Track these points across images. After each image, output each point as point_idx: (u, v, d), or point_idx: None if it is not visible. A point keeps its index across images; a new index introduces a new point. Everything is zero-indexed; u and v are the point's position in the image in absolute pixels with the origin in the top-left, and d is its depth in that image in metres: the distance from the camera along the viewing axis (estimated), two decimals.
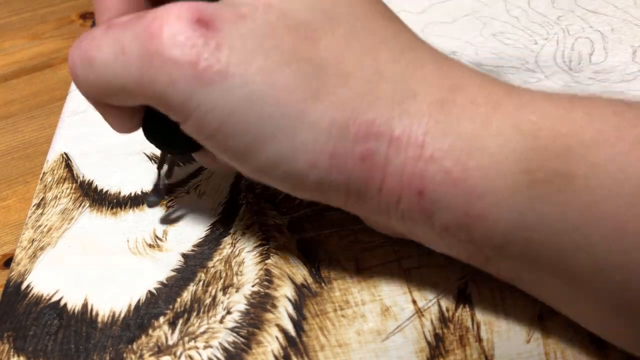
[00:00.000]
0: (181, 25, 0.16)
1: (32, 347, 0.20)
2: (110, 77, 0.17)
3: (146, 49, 0.16)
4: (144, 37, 0.16)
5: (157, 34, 0.16)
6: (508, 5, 0.36)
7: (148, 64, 0.16)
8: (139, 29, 0.16)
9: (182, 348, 0.20)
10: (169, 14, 0.16)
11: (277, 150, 0.17)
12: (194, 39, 0.16)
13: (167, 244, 0.23)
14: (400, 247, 0.22)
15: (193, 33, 0.16)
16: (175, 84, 0.16)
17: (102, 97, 0.18)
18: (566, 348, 0.19)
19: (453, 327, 0.20)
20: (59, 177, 0.27)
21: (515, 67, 0.31)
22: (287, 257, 0.22)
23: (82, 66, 0.17)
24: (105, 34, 0.17)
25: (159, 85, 0.16)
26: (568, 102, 0.17)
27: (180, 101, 0.16)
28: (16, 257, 0.23)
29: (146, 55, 0.16)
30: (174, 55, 0.16)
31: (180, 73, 0.16)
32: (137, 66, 0.16)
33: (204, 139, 0.17)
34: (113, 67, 0.17)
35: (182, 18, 0.16)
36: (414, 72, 0.17)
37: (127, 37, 0.16)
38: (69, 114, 0.31)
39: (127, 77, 0.17)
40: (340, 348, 0.20)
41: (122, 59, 0.17)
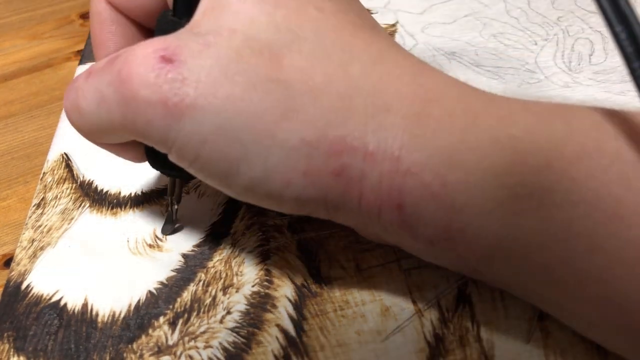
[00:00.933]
0: (147, 66, 0.16)
1: (32, 347, 0.20)
2: (97, 122, 0.18)
3: (121, 94, 0.17)
4: (117, 83, 0.17)
5: (127, 79, 0.16)
6: (508, 6, 0.36)
7: (126, 108, 0.17)
8: (113, 75, 0.17)
9: (182, 348, 0.20)
10: (135, 56, 0.17)
11: (252, 173, 0.17)
12: (160, 77, 0.16)
13: (167, 244, 0.23)
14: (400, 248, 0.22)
15: (159, 71, 0.16)
16: (152, 122, 0.16)
17: (99, 139, 0.20)
18: (566, 348, 0.19)
19: (453, 327, 0.20)
20: (59, 177, 0.27)
21: (515, 68, 0.31)
22: (287, 258, 0.22)
23: (73, 114, 0.19)
24: (86, 82, 0.18)
25: (139, 125, 0.17)
26: (548, 114, 0.17)
27: (159, 137, 0.17)
28: (16, 257, 0.23)
29: (122, 100, 0.17)
30: (145, 96, 0.16)
31: (154, 112, 0.16)
32: (117, 111, 0.17)
33: (187, 167, 0.18)
34: (98, 113, 0.18)
35: (148, 57, 0.16)
36: (387, 85, 0.17)
37: (104, 85, 0.17)
38: None
39: (111, 121, 0.17)
40: (340, 348, 0.20)
41: (103, 106, 0.17)
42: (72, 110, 0.19)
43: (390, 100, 0.17)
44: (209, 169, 0.17)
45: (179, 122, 0.16)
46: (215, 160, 0.17)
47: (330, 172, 0.17)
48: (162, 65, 0.16)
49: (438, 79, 0.18)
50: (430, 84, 0.17)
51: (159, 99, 0.16)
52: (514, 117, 0.17)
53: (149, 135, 0.17)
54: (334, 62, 0.17)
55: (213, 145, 0.16)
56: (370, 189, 0.17)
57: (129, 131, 0.17)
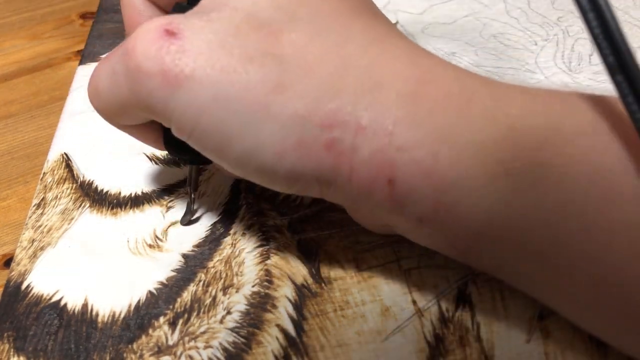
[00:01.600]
0: (150, 39, 0.17)
1: (32, 347, 0.20)
2: (112, 99, 0.19)
3: (127, 67, 0.18)
4: (124, 57, 0.18)
5: (133, 51, 0.17)
6: (508, 6, 0.36)
7: (131, 80, 0.18)
8: (122, 52, 0.18)
9: (182, 348, 0.20)
10: (140, 31, 0.17)
11: (246, 143, 0.17)
12: (162, 50, 0.17)
13: (167, 244, 0.23)
14: (400, 248, 0.22)
15: (162, 44, 0.17)
16: (153, 93, 0.17)
17: (117, 120, 0.21)
18: (566, 348, 0.19)
19: (453, 328, 0.20)
20: (59, 177, 0.27)
21: (515, 68, 0.31)
22: (287, 258, 0.22)
23: (93, 97, 0.20)
24: (103, 63, 0.19)
25: (143, 97, 0.18)
26: (545, 96, 0.17)
27: (161, 108, 0.18)
28: (16, 257, 0.23)
29: (129, 73, 0.18)
30: (147, 67, 0.17)
31: (154, 83, 0.17)
32: (125, 84, 0.18)
33: (186, 139, 0.18)
34: (111, 90, 0.19)
35: (151, 31, 0.17)
36: (381, 64, 0.17)
37: (115, 61, 0.18)
38: (69, 114, 0.31)
39: (121, 96, 0.18)
40: (341, 348, 0.20)
41: (115, 82, 0.18)
42: (92, 93, 0.20)
43: (384, 79, 0.17)
44: (206, 140, 0.18)
45: (177, 92, 0.17)
46: (211, 131, 0.17)
47: (322, 145, 0.17)
48: (165, 38, 0.17)
49: (435, 61, 0.18)
50: (427, 65, 0.18)
51: (160, 70, 0.17)
52: (511, 97, 0.17)
53: (151, 106, 0.18)
54: (329, 41, 0.17)
55: (209, 115, 0.17)
56: (362, 164, 0.17)
57: (136, 105, 0.18)
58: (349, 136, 0.17)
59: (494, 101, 0.17)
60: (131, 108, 0.19)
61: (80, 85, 0.33)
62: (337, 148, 0.17)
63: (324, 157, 0.17)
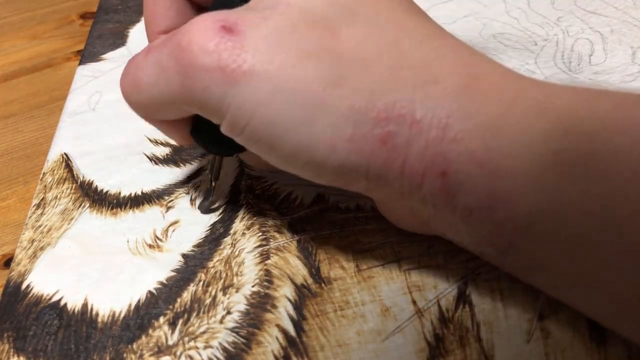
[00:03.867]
0: (207, 35, 0.17)
1: (32, 347, 0.20)
2: (156, 94, 0.19)
3: (181, 63, 0.18)
4: (177, 52, 0.18)
5: (188, 47, 0.17)
6: (508, 6, 0.36)
7: (185, 76, 0.18)
8: (172, 47, 0.18)
9: (182, 348, 0.20)
10: (196, 27, 0.18)
11: (299, 138, 0.17)
12: (220, 45, 0.17)
13: (167, 244, 0.23)
14: (400, 248, 0.22)
15: (219, 40, 0.17)
16: (210, 88, 0.17)
17: (155, 114, 0.21)
18: (566, 348, 0.19)
19: (453, 328, 0.20)
20: (59, 178, 0.27)
21: (515, 68, 0.31)
22: (287, 258, 0.22)
23: (132, 91, 0.20)
24: (145, 58, 0.19)
25: (197, 93, 0.18)
26: (593, 93, 0.17)
27: (216, 103, 0.18)
28: (16, 257, 0.23)
29: (182, 68, 0.18)
30: (204, 63, 0.17)
31: (212, 78, 0.17)
32: (176, 80, 0.18)
33: (237, 135, 0.19)
34: (157, 85, 0.19)
35: (207, 28, 0.17)
36: (436, 60, 0.18)
37: (164, 56, 0.18)
38: (69, 114, 0.31)
39: (170, 91, 0.18)
40: (341, 348, 0.20)
41: (163, 77, 0.18)
42: (130, 86, 0.20)
43: (438, 74, 0.17)
44: (259, 134, 0.18)
45: (235, 87, 0.17)
46: (266, 126, 0.17)
47: (377, 139, 0.17)
48: (222, 34, 0.17)
49: (485, 59, 0.19)
50: (476, 61, 0.18)
51: (218, 66, 0.17)
52: (558, 92, 0.17)
53: (206, 102, 0.18)
54: (386, 36, 0.18)
55: (266, 110, 0.17)
56: (415, 156, 0.17)
57: (186, 100, 0.18)
58: (404, 130, 0.17)
59: (543, 95, 0.17)
60: (180, 103, 0.19)
61: (80, 85, 0.33)
62: (392, 141, 0.17)
63: (378, 150, 0.17)
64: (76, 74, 0.34)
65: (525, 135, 0.16)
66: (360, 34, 0.18)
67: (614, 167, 0.16)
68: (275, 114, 0.17)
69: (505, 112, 0.17)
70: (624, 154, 0.16)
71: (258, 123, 0.18)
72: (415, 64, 0.17)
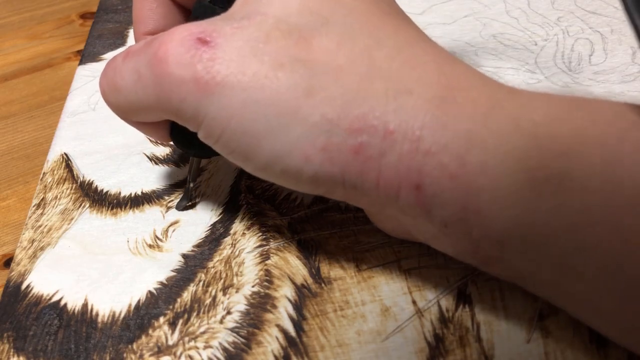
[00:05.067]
0: (183, 47, 0.17)
1: (32, 347, 0.20)
2: (133, 100, 0.19)
3: (157, 73, 0.18)
4: (154, 62, 0.18)
5: (164, 58, 0.18)
6: (508, 6, 0.36)
7: (161, 86, 0.18)
8: (149, 56, 0.18)
9: (182, 348, 0.20)
10: (172, 38, 0.18)
11: (273, 147, 0.17)
12: (195, 57, 0.17)
13: (167, 244, 0.23)
14: (400, 248, 0.22)
15: (195, 52, 0.17)
16: (185, 99, 0.18)
17: (132, 116, 0.21)
18: (566, 348, 0.19)
19: (453, 328, 0.20)
20: (59, 178, 0.27)
21: (515, 68, 0.31)
22: (287, 258, 0.22)
23: (109, 92, 0.20)
24: (124, 63, 0.19)
25: (173, 103, 0.18)
26: (570, 104, 0.17)
27: (191, 114, 0.18)
28: (16, 257, 0.23)
29: (158, 79, 0.18)
30: (179, 75, 0.17)
31: (187, 90, 0.17)
32: (152, 89, 0.18)
33: (212, 144, 0.19)
34: (134, 91, 0.19)
35: (184, 39, 0.18)
36: (411, 70, 0.17)
37: (141, 64, 0.18)
38: (69, 114, 0.31)
39: (147, 99, 0.19)
40: (341, 348, 0.20)
41: (140, 85, 0.19)
42: (108, 88, 0.20)
43: (412, 85, 0.17)
44: (234, 143, 0.18)
45: (209, 98, 0.17)
46: (240, 135, 0.18)
47: (350, 150, 0.17)
48: (197, 46, 0.17)
49: (462, 68, 0.18)
50: (454, 72, 0.18)
51: (192, 78, 0.17)
52: (536, 105, 0.17)
53: (181, 112, 0.18)
54: (359, 45, 0.18)
55: (238, 120, 0.17)
56: (389, 168, 0.17)
57: (162, 109, 0.19)
58: (377, 141, 0.17)
59: (519, 108, 0.17)
60: (155, 111, 0.19)
61: (80, 85, 0.33)
62: (365, 153, 0.17)
63: (351, 161, 0.17)
64: (76, 74, 0.34)
65: (499, 151, 0.16)
66: (333, 43, 0.17)
67: (589, 185, 0.15)
68: (248, 124, 0.17)
69: (480, 127, 0.16)
70: (598, 173, 0.15)
71: (232, 133, 0.18)
72: (390, 73, 0.17)
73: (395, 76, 0.17)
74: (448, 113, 0.17)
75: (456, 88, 0.17)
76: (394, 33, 0.18)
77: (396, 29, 0.18)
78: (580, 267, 0.16)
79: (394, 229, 0.21)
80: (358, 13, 0.18)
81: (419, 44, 0.18)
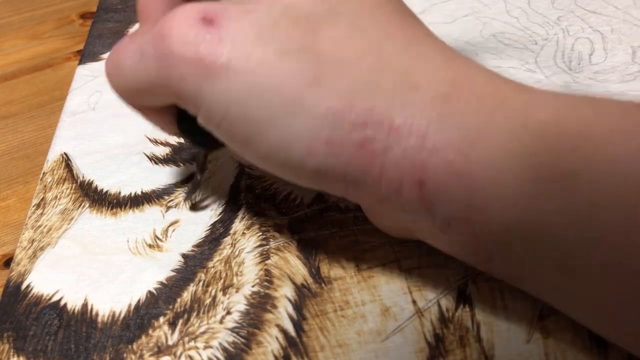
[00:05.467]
0: (187, 25, 0.17)
1: (32, 347, 0.20)
2: (135, 79, 0.19)
3: (159, 50, 0.17)
4: (157, 39, 0.17)
5: (167, 35, 0.17)
6: (508, 5, 0.36)
7: (162, 64, 0.17)
8: (153, 33, 0.18)
9: (182, 348, 0.20)
10: (176, 16, 0.17)
11: (275, 136, 0.17)
12: (199, 36, 0.17)
13: (167, 244, 0.23)
14: (400, 248, 0.22)
15: (199, 31, 0.17)
16: (186, 79, 0.17)
17: (135, 100, 0.20)
18: (566, 348, 0.19)
19: (453, 328, 0.20)
20: (58, 177, 0.27)
21: (515, 68, 0.31)
22: (287, 258, 0.22)
23: (113, 74, 0.20)
24: (129, 43, 0.19)
25: (173, 82, 0.18)
26: (577, 101, 0.17)
27: (191, 94, 0.17)
28: (16, 257, 0.23)
29: (160, 56, 0.17)
30: (182, 53, 0.17)
31: (188, 69, 0.17)
32: (154, 67, 0.18)
33: (213, 128, 0.18)
34: (137, 70, 0.19)
35: (189, 18, 0.17)
36: (418, 65, 0.17)
37: (145, 42, 0.18)
38: (69, 114, 0.31)
39: (148, 78, 0.18)
40: (341, 348, 0.20)
41: (142, 63, 0.18)
42: (113, 69, 0.20)
43: (419, 80, 0.17)
44: (235, 130, 0.18)
45: (211, 80, 0.17)
46: (242, 122, 0.17)
47: (354, 144, 0.17)
48: (201, 25, 0.17)
49: (468, 64, 0.18)
50: (461, 68, 0.18)
51: (194, 57, 0.17)
52: (542, 102, 0.17)
53: (181, 92, 0.18)
54: (368, 38, 0.17)
55: (241, 106, 0.17)
56: (393, 164, 0.17)
57: (163, 89, 0.18)
58: (381, 136, 0.17)
59: (525, 105, 0.17)
60: (158, 91, 0.19)
61: (80, 85, 0.33)
62: (369, 147, 0.17)
63: (355, 155, 0.17)
64: (76, 73, 0.34)
65: (505, 148, 0.16)
66: (342, 35, 0.17)
67: (595, 184, 0.15)
68: (250, 111, 0.17)
69: (486, 123, 0.16)
70: (604, 171, 0.15)
71: (233, 119, 0.17)
72: (397, 68, 0.17)
73: (401, 71, 0.17)
74: (454, 109, 0.17)
75: (463, 84, 0.17)
76: (403, 28, 0.18)
77: (404, 25, 0.18)
78: (584, 265, 0.16)
79: (393, 227, 0.21)
80: (367, 7, 0.18)
81: (426, 40, 0.18)
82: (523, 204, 0.16)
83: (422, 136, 0.16)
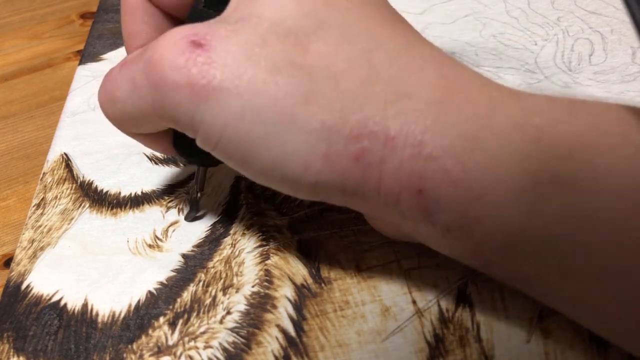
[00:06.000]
0: (178, 50, 0.17)
1: (32, 347, 0.20)
2: (130, 109, 0.19)
3: (152, 79, 0.17)
4: (149, 68, 0.17)
5: (158, 62, 0.17)
6: (508, 6, 0.36)
7: (156, 92, 0.17)
8: (144, 62, 0.18)
9: (182, 348, 0.20)
10: (166, 42, 0.17)
11: (271, 155, 0.17)
12: (190, 61, 0.17)
13: (167, 244, 0.23)
14: (400, 248, 0.22)
15: (189, 55, 0.17)
16: (180, 105, 0.17)
17: (132, 128, 0.20)
18: (566, 348, 0.19)
19: (453, 328, 0.20)
20: (58, 178, 0.27)
21: (515, 68, 0.31)
22: (287, 258, 0.22)
23: (107, 105, 0.20)
24: (120, 72, 0.19)
25: (169, 109, 0.17)
26: (573, 106, 0.17)
27: (187, 120, 0.17)
28: (16, 257, 0.23)
29: (153, 85, 0.17)
30: (174, 80, 0.17)
31: (182, 95, 0.17)
32: (148, 96, 0.18)
33: (211, 150, 0.18)
34: (131, 100, 0.18)
35: (178, 43, 0.17)
36: (410, 74, 0.17)
37: (137, 71, 0.18)
38: (69, 114, 0.31)
39: (143, 107, 0.18)
40: (340, 348, 0.20)
41: (136, 92, 0.18)
42: (106, 100, 0.19)
43: (411, 88, 0.17)
44: (231, 150, 0.18)
45: (205, 104, 0.17)
46: (237, 142, 0.17)
47: (350, 157, 0.17)
48: (191, 49, 0.17)
49: (462, 70, 0.18)
50: (454, 75, 0.17)
51: (187, 82, 0.17)
52: (538, 108, 0.17)
53: (177, 118, 0.18)
54: (357, 49, 0.17)
55: (236, 127, 0.17)
56: (390, 174, 0.17)
57: (159, 116, 0.18)
58: (378, 146, 0.17)
59: (521, 110, 0.17)
60: (153, 118, 0.19)
61: (80, 85, 0.33)
62: (366, 159, 0.17)
63: (352, 168, 0.17)
64: (76, 74, 0.34)
65: (501, 155, 0.16)
66: (330, 48, 0.17)
67: (592, 189, 0.15)
68: (245, 131, 0.17)
69: (481, 130, 0.16)
70: (602, 176, 0.15)
71: (229, 139, 0.17)
72: (388, 77, 0.17)
73: (394, 80, 0.17)
74: (449, 116, 0.16)
75: (456, 90, 0.17)
76: (392, 36, 0.18)
77: (394, 32, 0.18)
78: (583, 269, 0.16)
79: (393, 233, 0.21)
80: (355, 16, 0.18)
81: (417, 47, 0.18)
82: (521, 209, 0.16)
83: (417, 144, 0.16)
